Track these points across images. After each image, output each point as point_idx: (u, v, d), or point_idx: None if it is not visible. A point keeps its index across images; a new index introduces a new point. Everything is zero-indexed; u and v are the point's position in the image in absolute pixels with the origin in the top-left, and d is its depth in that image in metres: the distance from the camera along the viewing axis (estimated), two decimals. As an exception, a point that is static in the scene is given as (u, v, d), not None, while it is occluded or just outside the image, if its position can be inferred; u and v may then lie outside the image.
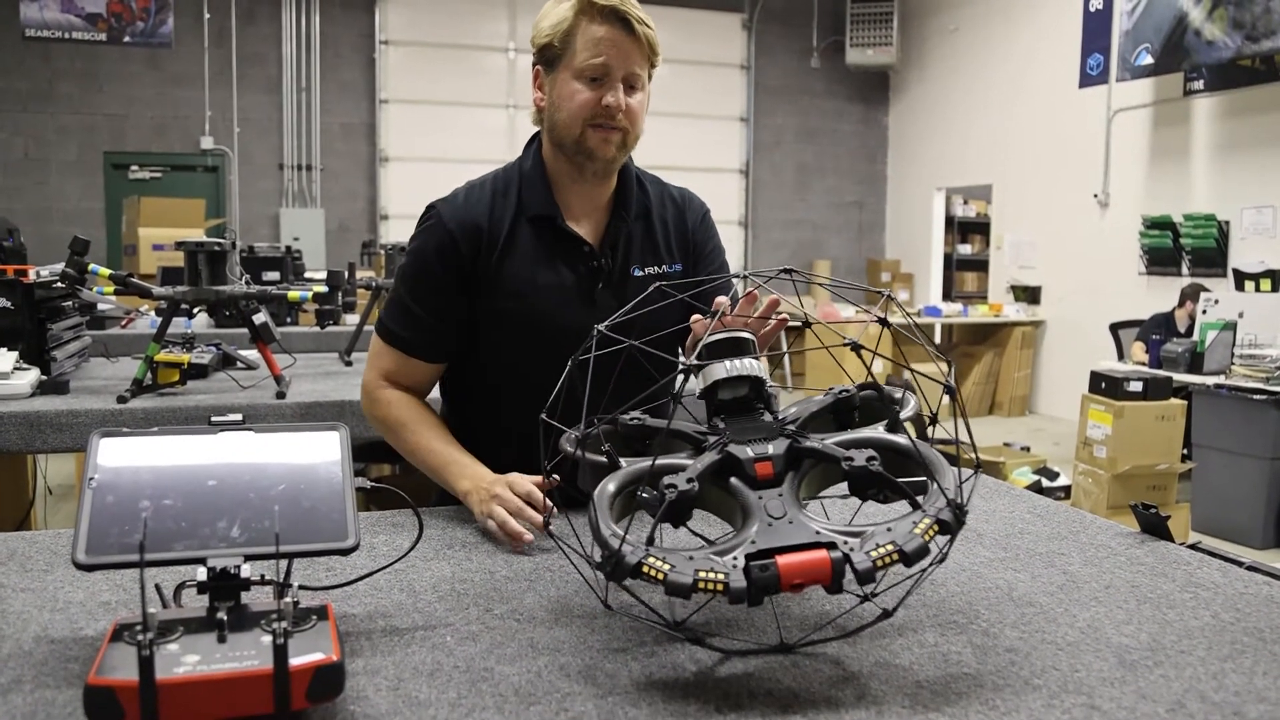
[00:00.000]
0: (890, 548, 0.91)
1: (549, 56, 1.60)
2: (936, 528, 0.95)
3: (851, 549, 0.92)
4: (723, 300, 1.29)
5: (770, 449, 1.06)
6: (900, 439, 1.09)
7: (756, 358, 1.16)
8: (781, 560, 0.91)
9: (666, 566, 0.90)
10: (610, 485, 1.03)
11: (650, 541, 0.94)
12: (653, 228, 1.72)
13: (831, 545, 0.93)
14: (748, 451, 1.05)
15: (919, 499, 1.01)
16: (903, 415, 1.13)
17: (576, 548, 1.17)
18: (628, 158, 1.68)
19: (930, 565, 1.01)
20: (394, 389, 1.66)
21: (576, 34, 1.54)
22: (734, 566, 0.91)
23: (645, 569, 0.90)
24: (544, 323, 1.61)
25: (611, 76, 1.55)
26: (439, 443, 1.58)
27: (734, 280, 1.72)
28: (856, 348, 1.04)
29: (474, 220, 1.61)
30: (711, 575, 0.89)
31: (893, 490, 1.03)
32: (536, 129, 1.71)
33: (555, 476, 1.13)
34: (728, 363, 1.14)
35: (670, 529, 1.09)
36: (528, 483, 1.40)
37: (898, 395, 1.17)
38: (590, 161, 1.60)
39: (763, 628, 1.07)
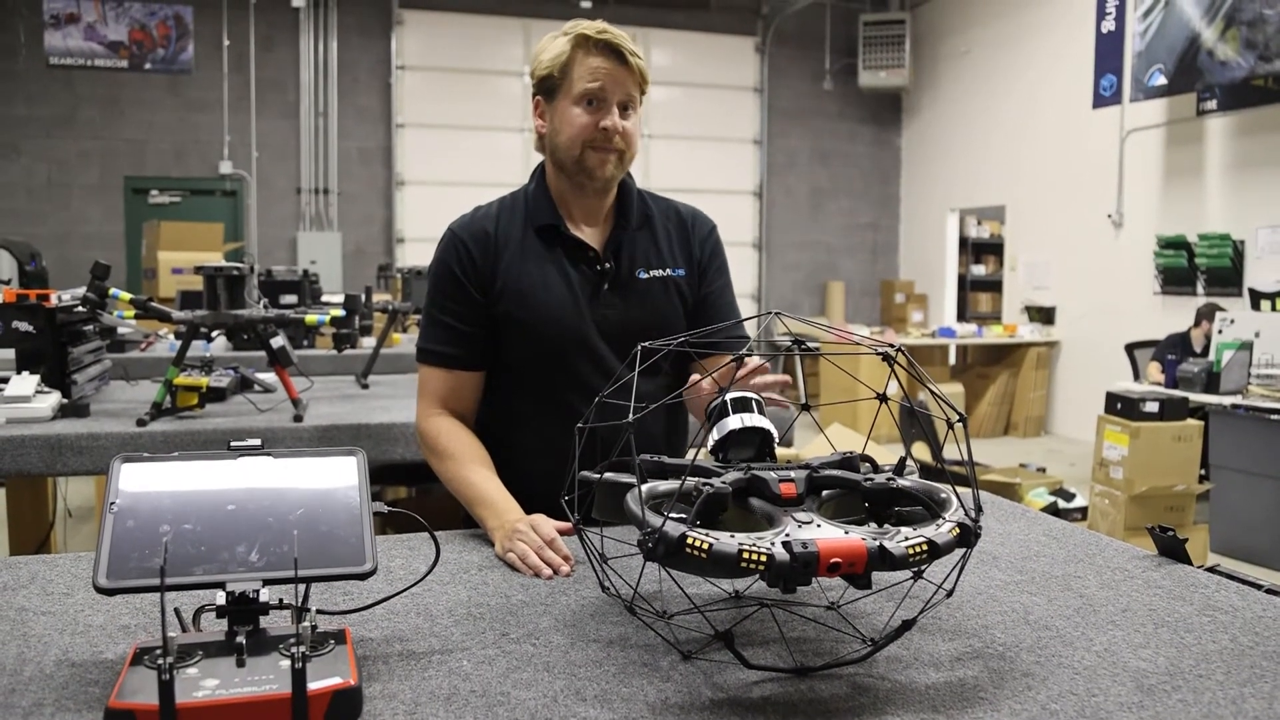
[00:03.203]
0: (921, 540, 0.94)
1: (548, 86, 1.73)
2: (958, 530, 0.98)
3: (882, 543, 0.94)
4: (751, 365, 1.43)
5: (792, 474, 1.10)
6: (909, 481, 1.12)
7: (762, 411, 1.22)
8: (821, 541, 0.92)
9: (710, 540, 0.91)
10: (643, 489, 1.04)
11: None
12: (656, 234, 1.83)
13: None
14: (772, 474, 1.09)
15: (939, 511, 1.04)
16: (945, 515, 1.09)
17: (616, 584, 1.17)
18: (626, 174, 1.80)
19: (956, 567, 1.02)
20: (444, 417, 1.73)
21: (574, 65, 1.69)
22: (775, 544, 0.92)
23: (690, 541, 0.91)
24: (553, 322, 1.72)
25: (607, 102, 1.68)
26: (477, 476, 1.63)
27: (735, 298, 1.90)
28: (889, 359, 1.09)
29: (482, 228, 1.76)
30: (755, 548, 0.91)
31: (913, 504, 1.05)
32: (543, 158, 1.83)
33: (577, 517, 1.15)
34: (743, 416, 1.18)
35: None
36: (550, 527, 1.43)
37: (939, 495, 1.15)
38: (590, 180, 1.73)
39: (778, 655, 1.06)
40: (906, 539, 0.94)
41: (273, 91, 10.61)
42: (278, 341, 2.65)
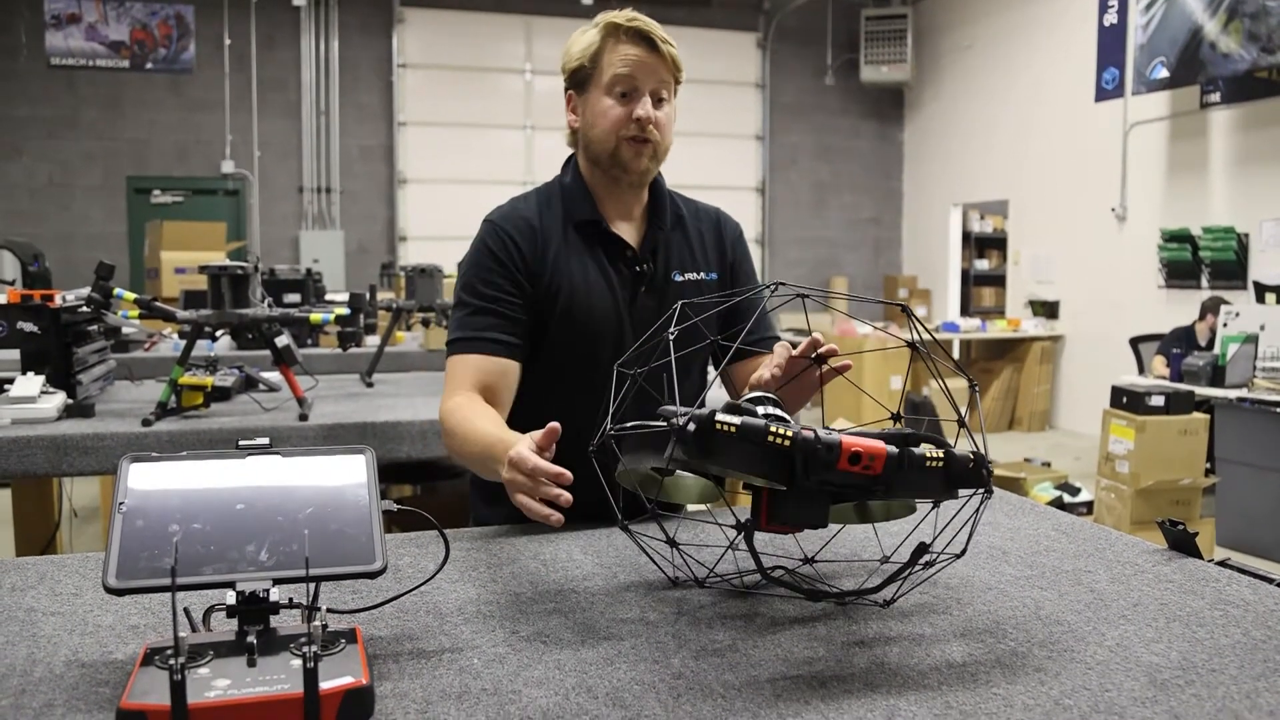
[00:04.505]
0: (940, 452, 1.02)
1: (580, 79, 1.70)
2: (973, 462, 1.06)
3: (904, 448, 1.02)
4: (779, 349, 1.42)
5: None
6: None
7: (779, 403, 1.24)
8: (844, 436, 1.01)
9: (737, 420, 1.00)
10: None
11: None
12: (689, 236, 1.79)
13: None
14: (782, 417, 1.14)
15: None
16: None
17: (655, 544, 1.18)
18: (659, 172, 1.76)
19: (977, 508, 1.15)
20: (465, 394, 1.60)
21: (604, 55, 1.65)
22: (798, 430, 1.01)
23: (718, 425, 0.99)
24: (597, 321, 1.68)
25: (640, 91, 1.64)
26: (478, 432, 1.49)
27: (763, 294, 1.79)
28: (914, 345, 1.18)
29: (525, 219, 1.70)
30: (781, 430, 1.00)
31: (923, 441, 1.09)
32: (571, 150, 1.79)
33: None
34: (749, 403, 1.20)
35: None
36: (529, 457, 1.26)
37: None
38: (625, 173, 1.69)
39: (790, 648, 1.06)
40: (926, 450, 1.02)
41: (274, 90, 10.61)
42: (282, 340, 2.64)
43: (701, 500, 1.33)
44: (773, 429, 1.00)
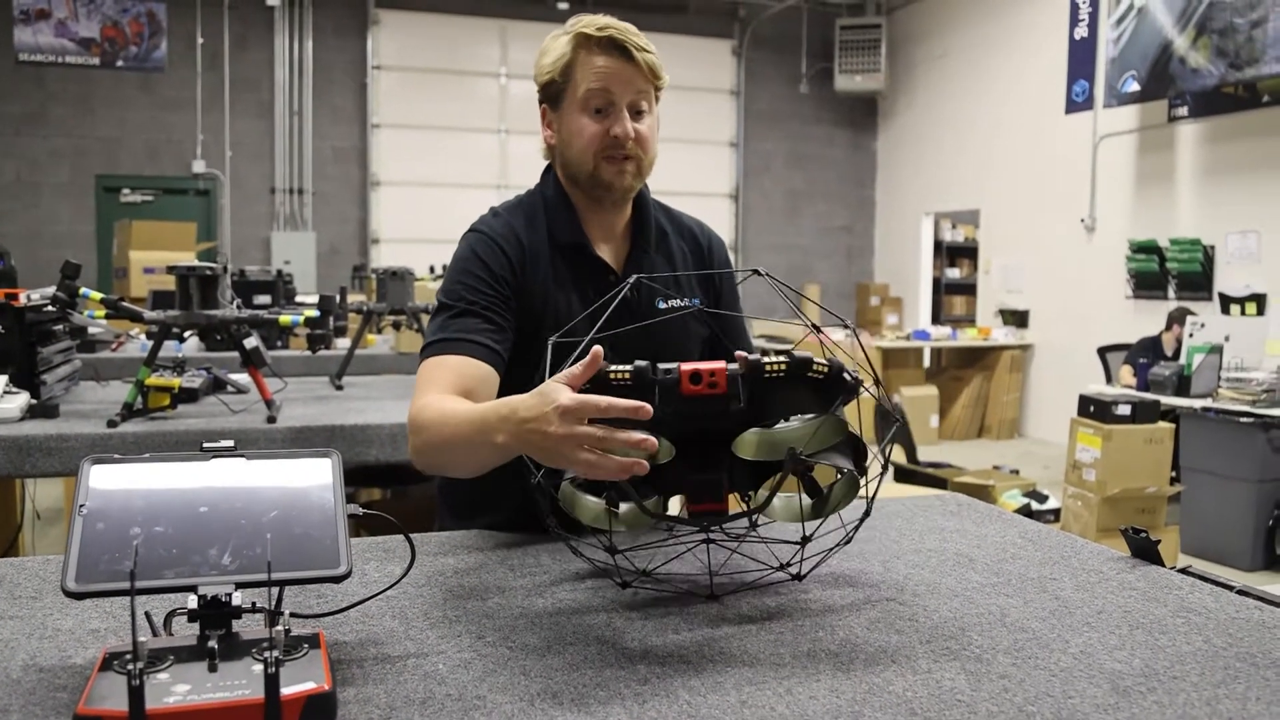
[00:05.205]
0: (782, 360, 1.11)
1: (553, 93, 1.61)
2: (826, 367, 1.14)
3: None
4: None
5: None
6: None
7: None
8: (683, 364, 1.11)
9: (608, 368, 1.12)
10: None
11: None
12: (673, 259, 1.72)
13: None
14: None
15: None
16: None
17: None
18: (644, 185, 1.68)
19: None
20: (438, 394, 1.45)
21: (577, 68, 1.56)
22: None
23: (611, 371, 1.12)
24: (573, 348, 1.55)
25: (617, 105, 1.56)
26: (461, 410, 1.35)
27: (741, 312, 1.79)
28: (816, 328, 1.23)
29: (514, 232, 1.62)
30: (620, 369, 1.11)
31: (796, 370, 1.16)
32: (548, 162, 1.71)
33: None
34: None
35: None
36: (593, 398, 1.08)
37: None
38: (608, 193, 1.61)
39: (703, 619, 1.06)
40: (771, 362, 1.11)
41: (247, 90, 10.53)
42: (251, 342, 2.62)
43: (597, 520, 1.28)
44: (611, 371, 1.09)
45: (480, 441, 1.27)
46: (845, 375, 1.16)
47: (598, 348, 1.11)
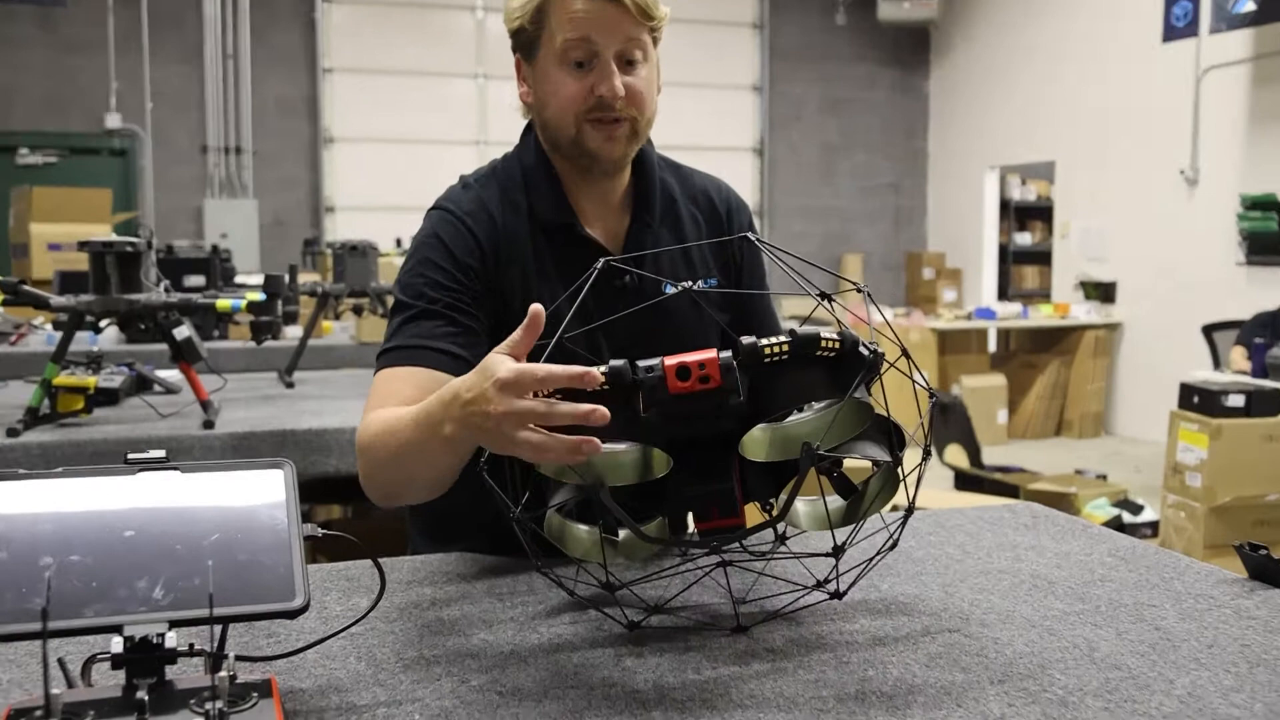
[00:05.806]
0: (784, 341, 1.11)
1: (524, 41, 1.58)
2: (837, 342, 1.13)
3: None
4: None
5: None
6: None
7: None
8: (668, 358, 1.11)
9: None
10: None
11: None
12: (683, 230, 1.69)
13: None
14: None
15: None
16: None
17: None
18: (647, 143, 1.66)
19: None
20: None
21: (551, 12, 1.52)
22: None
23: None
24: (559, 350, 1.54)
25: (601, 58, 1.51)
26: (405, 414, 1.35)
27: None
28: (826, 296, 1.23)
29: (485, 212, 1.59)
30: (603, 369, 1.11)
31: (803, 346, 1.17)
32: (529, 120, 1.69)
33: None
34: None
35: None
36: (531, 367, 1.11)
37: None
38: (595, 162, 1.58)
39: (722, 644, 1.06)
40: (771, 345, 1.11)
41: (169, 29, 10.52)
42: (182, 332, 2.63)
43: (591, 554, 1.31)
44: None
45: (429, 441, 1.27)
46: (862, 348, 1.15)
47: (537, 306, 1.14)
